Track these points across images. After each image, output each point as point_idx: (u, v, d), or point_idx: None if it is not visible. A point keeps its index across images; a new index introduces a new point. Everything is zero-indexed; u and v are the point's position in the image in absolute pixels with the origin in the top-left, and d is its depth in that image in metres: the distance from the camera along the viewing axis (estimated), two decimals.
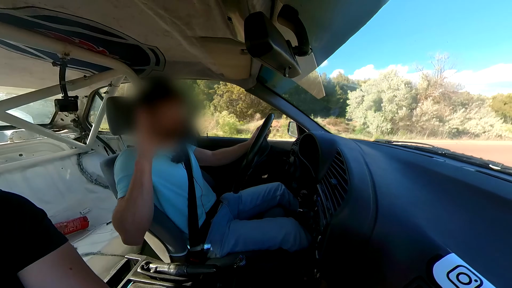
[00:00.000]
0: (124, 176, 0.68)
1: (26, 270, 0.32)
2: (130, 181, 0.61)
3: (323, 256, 0.51)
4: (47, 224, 0.36)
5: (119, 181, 0.68)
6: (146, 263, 0.80)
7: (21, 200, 0.36)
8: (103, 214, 1.74)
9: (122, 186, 0.66)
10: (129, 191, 0.60)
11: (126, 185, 0.65)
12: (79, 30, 0.75)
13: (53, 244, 0.35)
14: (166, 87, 0.73)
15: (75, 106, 1.10)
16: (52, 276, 0.33)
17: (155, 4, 0.53)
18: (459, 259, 0.29)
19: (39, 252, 0.33)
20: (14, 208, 0.34)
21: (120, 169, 0.70)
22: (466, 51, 32.10)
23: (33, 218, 0.35)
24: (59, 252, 0.35)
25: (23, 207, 0.35)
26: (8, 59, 1.01)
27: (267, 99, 1.42)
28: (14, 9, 0.59)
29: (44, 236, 0.35)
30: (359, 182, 0.53)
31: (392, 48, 6.46)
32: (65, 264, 0.35)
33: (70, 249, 0.38)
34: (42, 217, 0.36)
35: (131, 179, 0.62)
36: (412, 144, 0.98)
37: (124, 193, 0.64)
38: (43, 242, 0.34)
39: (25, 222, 0.33)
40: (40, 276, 0.32)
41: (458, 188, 0.51)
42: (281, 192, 1.14)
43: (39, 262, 0.32)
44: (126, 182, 0.66)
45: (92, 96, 1.91)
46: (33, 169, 1.73)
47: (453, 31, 38.71)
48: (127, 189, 0.63)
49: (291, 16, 0.53)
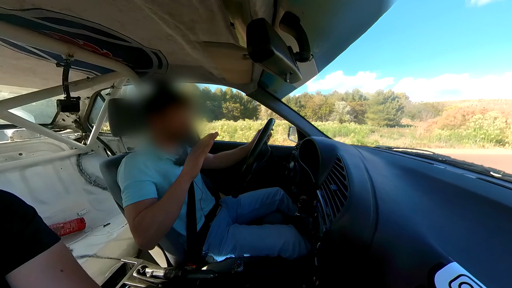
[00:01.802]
0: (131, 182, 0.67)
1: (14, 273, 0.30)
2: (168, 193, 0.66)
3: (322, 263, 0.50)
4: (37, 223, 0.34)
5: (127, 187, 0.67)
6: (142, 267, 0.79)
7: (9, 197, 0.34)
8: (100, 216, 1.73)
9: (131, 193, 0.66)
10: (164, 203, 0.64)
11: (134, 192, 0.66)
12: (84, 32, 0.76)
13: (43, 244, 0.33)
14: (175, 92, 0.76)
15: (77, 107, 1.11)
16: (42, 279, 0.31)
17: (160, 9, 0.54)
18: (462, 268, 0.28)
19: (28, 254, 0.31)
20: (3, 205, 0.32)
21: (126, 176, 0.69)
22: (423, 61, 38.44)
23: (22, 216, 0.33)
24: (49, 253, 0.33)
25: (11, 205, 0.33)
26: (14, 59, 1.02)
27: (268, 103, 1.43)
28: (21, 10, 0.60)
29: (33, 236, 0.33)
30: (360, 189, 0.52)
31: (360, 56, 6.60)
32: (56, 266, 0.33)
33: (62, 250, 0.36)
34: (32, 216, 0.34)
35: (144, 185, 0.67)
36: (412, 150, 0.98)
37: (133, 200, 0.65)
38: (32, 243, 0.32)
39: (13, 221, 0.31)
40: (30, 279, 0.30)
41: (459, 196, 0.50)
42: (280, 197, 1.13)
43: (28, 264, 0.31)
44: (134, 189, 0.67)
45: (94, 97, 1.93)
46: (32, 169, 1.73)
47: (409, 41, 46.95)
48: (135, 196, 0.65)
49: (292, 22, 0.54)
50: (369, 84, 67.78)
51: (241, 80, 1.28)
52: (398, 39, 22.43)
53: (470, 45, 63.14)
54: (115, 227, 1.39)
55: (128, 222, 0.67)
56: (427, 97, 26.13)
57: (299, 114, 1.46)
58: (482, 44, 59.66)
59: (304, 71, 0.70)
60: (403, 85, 64.26)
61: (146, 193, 0.67)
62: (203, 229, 0.87)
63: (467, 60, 57.80)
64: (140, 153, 0.76)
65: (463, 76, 57.34)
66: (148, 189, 0.68)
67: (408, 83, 64.67)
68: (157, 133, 0.79)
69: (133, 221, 0.62)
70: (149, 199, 0.67)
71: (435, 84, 47.36)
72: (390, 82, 70.86)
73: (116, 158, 0.85)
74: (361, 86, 66.03)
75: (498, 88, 45.99)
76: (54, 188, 1.82)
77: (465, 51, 59.90)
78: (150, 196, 0.68)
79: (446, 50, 58.86)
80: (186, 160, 0.71)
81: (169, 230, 0.67)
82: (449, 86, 46.04)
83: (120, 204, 0.80)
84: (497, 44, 61.52)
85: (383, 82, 70.72)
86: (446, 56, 58.52)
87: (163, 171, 0.76)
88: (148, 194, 0.67)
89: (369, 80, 69.36)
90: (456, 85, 49.67)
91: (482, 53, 58.94)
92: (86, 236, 1.30)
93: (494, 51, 58.48)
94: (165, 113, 0.74)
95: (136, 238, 0.62)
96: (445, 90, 45.62)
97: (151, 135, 0.80)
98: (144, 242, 0.62)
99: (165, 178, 0.75)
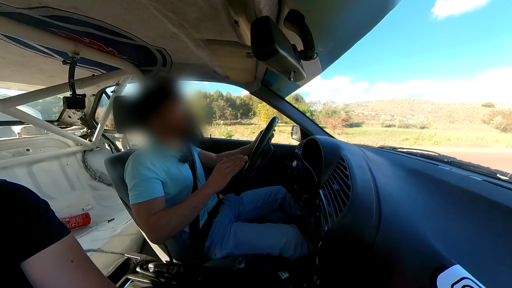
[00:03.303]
0: (139, 181, 0.68)
1: (28, 261, 0.32)
2: (188, 201, 0.69)
3: (324, 262, 0.50)
4: (50, 216, 0.36)
5: (135, 185, 0.68)
6: (145, 262, 0.80)
7: (25, 191, 0.36)
8: (105, 212, 1.76)
9: (139, 192, 0.67)
10: (183, 209, 0.67)
11: (142, 191, 0.67)
12: (90, 31, 0.77)
13: (55, 236, 0.35)
14: (167, 88, 0.78)
15: (82, 104, 1.12)
16: (53, 268, 0.33)
17: (164, 7, 0.54)
18: (465, 270, 0.28)
19: (41, 244, 0.33)
20: (17, 199, 0.34)
21: (134, 174, 0.70)
22: (395, 67, 43.11)
23: (36, 209, 0.35)
24: (61, 244, 0.35)
25: (26, 198, 0.35)
26: (21, 56, 1.04)
27: (272, 102, 1.43)
28: (29, 8, 0.61)
29: (46, 228, 0.35)
30: (362, 189, 0.52)
31: (338, 60, 6.61)
32: (67, 256, 0.35)
33: (73, 242, 0.38)
34: (45, 209, 0.36)
35: (150, 182, 0.69)
36: (417, 151, 0.97)
37: (142, 199, 0.66)
38: (45, 234, 0.34)
39: (28, 214, 0.34)
40: (42, 267, 0.33)
41: (464, 198, 0.49)
42: (282, 196, 1.13)
43: (41, 254, 0.33)
44: (142, 188, 0.68)
45: (100, 94, 1.95)
46: (39, 165, 1.76)
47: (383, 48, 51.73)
48: (144, 195, 0.67)
49: (297, 21, 0.53)
50: (344, 88, 69.66)
51: (244, 79, 1.28)
52: (372, 45, 22.03)
53: (432, 55, 71.86)
54: (119, 222, 1.41)
55: (137, 219, 0.69)
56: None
57: (303, 113, 1.45)
58: (443, 55, 69.86)
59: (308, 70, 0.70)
60: (378, 89, 67.41)
61: (154, 192, 0.69)
62: (205, 226, 0.87)
63: (430, 68, 66.80)
64: (146, 151, 0.77)
65: (426, 81, 64.75)
66: (156, 188, 0.70)
67: (382, 87, 67.70)
68: (158, 130, 0.80)
69: (147, 219, 0.65)
70: (159, 198, 0.69)
71: (404, 89, 57.41)
72: (365, 86, 73.02)
73: (120, 154, 0.86)
74: (336, 90, 67.62)
75: (453, 92, 56.52)
76: (60, 183, 1.86)
77: (428, 61, 69.22)
78: (159, 194, 0.69)
79: (413, 59, 70.58)
80: (214, 172, 0.73)
81: None
82: (415, 91, 55.75)
83: (124, 200, 0.81)
84: (453, 55, 72.44)
85: (358, 86, 72.26)
86: (413, 64, 70.44)
87: (168, 169, 0.76)
88: (157, 193, 0.69)
89: (344, 84, 71.36)
90: (420, 89, 58.57)
91: (442, 62, 68.24)
92: (91, 231, 1.33)
93: (452, 60, 68.50)
94: (161, 110, 0.75)
95: (149, 235, 0.65)
96: (412, 94, 55.56)
97: (153, 132, 0.81)
98: (157, 240, 0.66)
99: (170, 175, 0.76)
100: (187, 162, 0.87)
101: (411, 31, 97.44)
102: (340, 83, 77.05)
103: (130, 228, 1.36)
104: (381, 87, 75.61)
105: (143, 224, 0.66)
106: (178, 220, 0.65)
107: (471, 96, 49.30)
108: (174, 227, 0.65)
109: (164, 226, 0.64)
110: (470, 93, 60.51)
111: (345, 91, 71.81)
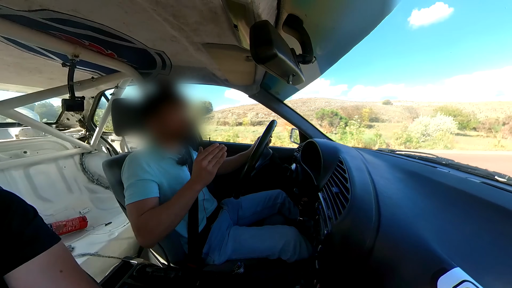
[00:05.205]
0: (134, 181, 0.68)
1: (13, 273, 0.29)
2: (175, 198, 0.66)
3: (323, 266, 0.50)
4: (37, 223, 0.34)
5: (129, 186, 0.68)
6: (142, 267, 0.79)
7: (10, 196, 0.33)
8: (102, 215, 1.74)
9: (134, 191, 0.67)
10: (171, 206, 0.64)
11: (137, 191, 0.67)
12: (89, 33, 0.77)
13: (43, 245, 0.33)
14: (167, 91, 0.78)
15: (81, 107, 1.12)
16: (41, 280, 0.31)
17: (165, 11, 0.54)
18: (465, 273, 0.28)
19: (27, 254, 0.31)
20: (2, 205, 0.31)
21: (129, 174, 0.70)
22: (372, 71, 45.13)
23: (22, 216, 0.32)
24: (49, 254, 0.33)
25: (11, 204, 0.32)
26: (20, 58, 1.04)
27: (270, 105, 1.43)
28: (29, 11, 0.62)
29: (33, 236, 0.32)
30: (361, 191, 0.52)
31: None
32: (55, 266, 0.33)
33: (62, 250, 0.35)
34: (32, 216, 0.34)
35: (147, 184, 0.68)
36: (415, 153, 0.97)
37: (135, 199, 0.65)
38: (32, 243, 0.32)
39: (13, 221, 0.31)
40: (29, 279, 0.30)
41: (463, 200, 0.50)
42: (281, 200, 1.13)
43: (28, 265, 0.30)
44: (136, 188, 0.67)
45: (98, 97, 1.95)
46: (36, 167, 1.75)
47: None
48: (138, 195, 0.66)
49: (296, 25, 0.54)
50: (324, 90, 71.73)
51: (244, 82, 1.29)
52: (354, 49, 23.70)
53: (407, 61, 76.79)
54: (117, 226, 1.39)
55: (129, 220, 0.67)
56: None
57: (302, 116, 1.45)
58: (418, 61, 74.46)
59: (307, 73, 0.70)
60: (356, 92, 70.40)
61: (148, 192, 0.68)
62: (204, 231, 0.87)
63: (404, 72, 71.66)
64: (143, 152, 0.76)
65: (400, 85, 69.13)
66: (150, 188, 0.69)
67: (360, 90, 70.69)
68: (157, 132, 0.79)
69: (136, 220, 0.63)
70: (152, 198, 0.67)
71: (381, 92, 61.13)
72: (344, 88, 75.50)
73: (118, 157, 0.85)
74: (317, 92, 69.13)
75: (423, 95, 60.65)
76: (57, 186, 1.84)
77: (403, 66, 74.28)
78: (153, 195, 0.68)
79: (390, 63, 74.36)
80: (195, 169, 0.67)
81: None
82: (390, 94, 55.73)
83: (122, 203, 0.80)
84: (426, 61, 76.73)
85: (337, 88, 74.51)
86: (389, 69, 74.40)
87: (165, 170, 0.76)
88: (151, 193, 0.68)
89: (324, 86, 73.60)
90: (395, 92, 61.50)
91: (415, 67, 72.63)
92: (88, 234, 1.31)
93: (424, 66, 72.94)
94: (161, 113, 0.75)
95: (138, 237, 0.63)
96: (387, 96, 57.55)
97: (152, 135, 0.81)
98: (147, 242, 0.64)
99: (167, 177, 0.76)
100: (186, 165, 0.87)
101: (390, 37, 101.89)
102: (320, 86, 79.24)
103: (127, 232, 1.34)
104: (359, 90, 78.84)
105: (132, 225, 0.64)
106: (167, 219, 0.63)
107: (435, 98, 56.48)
108: (163, 227, 0.62)
109: (153, 228, 0.61)
110: (435, 95, 66.81)
111: (325, 93, 74.36)
